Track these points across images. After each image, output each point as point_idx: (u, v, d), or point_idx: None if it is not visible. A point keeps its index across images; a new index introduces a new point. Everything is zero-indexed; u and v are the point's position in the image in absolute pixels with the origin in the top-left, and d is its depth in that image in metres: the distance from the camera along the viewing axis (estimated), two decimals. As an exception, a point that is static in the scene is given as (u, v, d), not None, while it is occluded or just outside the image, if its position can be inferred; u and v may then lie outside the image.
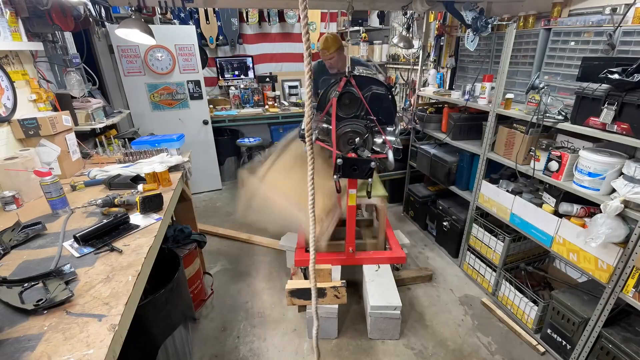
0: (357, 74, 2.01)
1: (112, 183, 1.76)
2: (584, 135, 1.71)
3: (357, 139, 1.96)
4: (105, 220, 1.34)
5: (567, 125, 1.76)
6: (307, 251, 2.41)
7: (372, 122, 1.99)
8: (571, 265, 1.85)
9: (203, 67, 4.11)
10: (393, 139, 2.02)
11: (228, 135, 4.52)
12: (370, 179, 1.96)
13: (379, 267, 2.35)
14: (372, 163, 1.85)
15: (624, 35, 1.72)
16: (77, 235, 1.24)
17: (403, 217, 3.62)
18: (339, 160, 1.82)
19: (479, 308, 2.36)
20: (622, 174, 1.55)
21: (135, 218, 1.46)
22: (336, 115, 2.05)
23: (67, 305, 0.95)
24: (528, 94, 2.00)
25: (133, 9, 2.16)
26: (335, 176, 1.89)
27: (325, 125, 2.14)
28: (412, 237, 3.24)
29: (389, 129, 2.07)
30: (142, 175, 1.81)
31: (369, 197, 1.97)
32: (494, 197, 2.29)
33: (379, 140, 2.00)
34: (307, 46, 0.73)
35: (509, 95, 2.15)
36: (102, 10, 2.16)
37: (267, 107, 4.52)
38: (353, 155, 1.90)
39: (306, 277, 2.38)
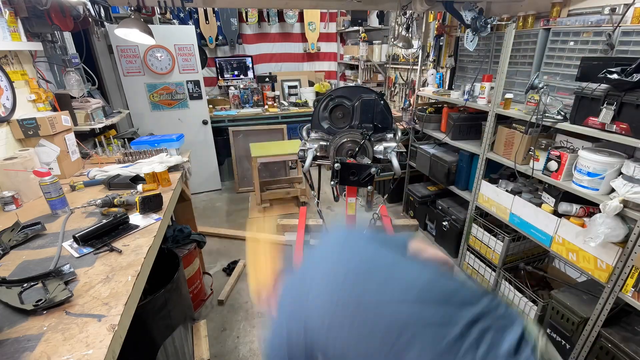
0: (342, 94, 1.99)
1: (112, 183, 1.75)
2: (583, 135, 1.71)
3: (356, 148, 1.92)
4: (104, 221, 1.33)
5: (567, 125, 1.77)
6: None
7: (369, 130, 1.96)
8: (570, 265, 1.85)
9: (202, 67, 4.11)
10: (394, 144, 2.00)
11: (227, 135, 4.51)
12: (369, 187, 1.93)
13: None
14: (373, 169, 1.82)
15: (623, 35, 1.72)
16: (76, 235, 1.24)
17: (403, 217, 3.62)
18: (336, 165, 1.77)
19: (478, 308, 2.36)
20: (621, 173, 1.56)
21: (135, 218, 1.45)
22: (331, 128, 2.02)
23: (67, 306, 0.95)
24: (527, 93, 2.00)
25: (132, 9, 2.16)
26: (332, 182, 1.86)
27: (323, 143, 2.12)
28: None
29: (388, 135, 2.05)
30: (142, 175, 1.81)
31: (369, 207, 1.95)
32: (493, 197, 2.29)
33: (379, 147, 1.98)
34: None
35: (508, 95, 2.15)
36: (102, 10, 2.15)
37: (266, 107, 4.52)
38: (352, 161, 1.88)
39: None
